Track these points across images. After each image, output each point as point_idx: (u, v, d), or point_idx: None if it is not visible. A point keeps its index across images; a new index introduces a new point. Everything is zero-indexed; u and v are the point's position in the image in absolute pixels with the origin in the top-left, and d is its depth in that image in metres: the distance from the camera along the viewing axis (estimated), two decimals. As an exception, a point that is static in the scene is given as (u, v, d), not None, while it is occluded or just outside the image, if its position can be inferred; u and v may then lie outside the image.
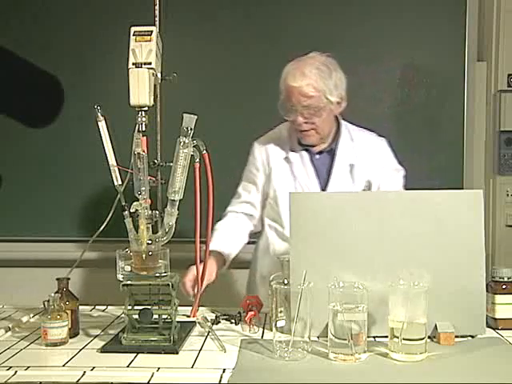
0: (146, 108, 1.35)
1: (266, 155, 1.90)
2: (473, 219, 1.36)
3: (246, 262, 2.00)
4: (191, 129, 1.33)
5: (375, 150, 1.89)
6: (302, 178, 1.84)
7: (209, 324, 1.46)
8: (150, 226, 1.36)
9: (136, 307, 1.34)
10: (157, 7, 1.43)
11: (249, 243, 1.94)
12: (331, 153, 1.87)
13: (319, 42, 2.64)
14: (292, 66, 1.78)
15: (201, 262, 1.54)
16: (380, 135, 1.94)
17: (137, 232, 1.35)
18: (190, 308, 1.59)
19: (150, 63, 1.34)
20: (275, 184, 1.87)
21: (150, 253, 1.33)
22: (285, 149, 1.89)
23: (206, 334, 1.42)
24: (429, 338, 1.29)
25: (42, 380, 1.13)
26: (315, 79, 1.73)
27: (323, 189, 1.83)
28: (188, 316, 1.57)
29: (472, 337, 1.37)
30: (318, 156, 1.87)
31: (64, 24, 2.73)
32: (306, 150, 1.87)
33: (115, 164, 1.37)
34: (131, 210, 1.34)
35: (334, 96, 1.77)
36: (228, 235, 1.83)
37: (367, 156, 1.87)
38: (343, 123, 1.91)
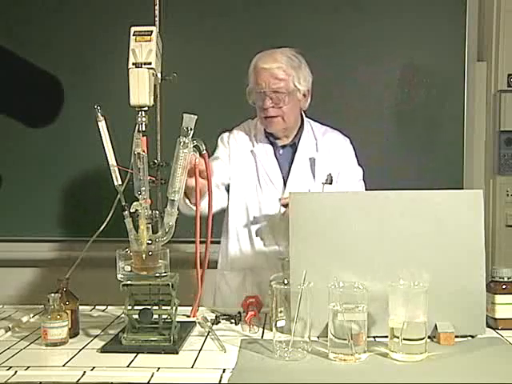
0: (146, 108, 1.35)
1: (233, 144, 1.94)
2: (473, 219, 1.36)
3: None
4: (191, 129, 1.33)
5: (338, 147, 1.93)
6: (265, 171, 1.89)
7: (209, 324, 1.46)
8: (149, 225, 1.36)
9: (136, 307, 1.34)
10: (157, 7, 1.43)
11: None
12: (294, 147, 1.92)
13: (319, 41, 2.64)
14: (263, 53, 1.86)
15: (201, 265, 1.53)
16: (345, 135, 1.98)
17: (137, 232, 1.35)
18: (190, 308, 1.59)
19: (150, 63, 1.34)
20: (238, 175, 1.91)
21: (150, 253, 1.33)
22: (251, 141, 1.94)
23: (206, 333, 1.42)
24: (429, 337, 1.29)
25: (41, 380, 1.13)
26: (286, 64, 1.80)
27: (285, 181, 1.88)
28: (188, 316, 1.57)
29: (472, 337, 1.37)
30: (281, 150, 1.92)
31: (64, 24, 2.73)
32: (271, 144, 1.92)
33: (115, 164, 1.37)
34: (131, 210, 1.34)
35: (301, 85, 1.83)
36: None
37: (329, 152, 1.91)
38: (306, 120, 1.96)
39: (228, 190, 1.93)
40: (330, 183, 1.84)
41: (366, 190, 1.92)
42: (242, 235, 1.91)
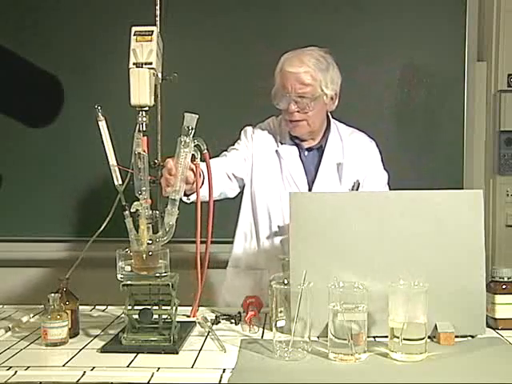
0: (147, 108, 1.35)
1: (257, 141, 1.88)
2: (473, 219, 1.36)
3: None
4: (192, 128, 1.33)
5: (364, 151, 1.88)
6: (290, 173, 1.83)
7: (209, 324, 1.46)
8: (150, 225, 1.36)
9: (136, 307, 1.34)
10: (157, 7, 1.43)
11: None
12: (320, 150, 1.86)
13: (319, 42, 2.62)
14: (290, 53, 1.79)
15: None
16: (371, 137, 1.94)
17: (137, 232, 1.35)
18: (190, 308, 1.59)
19: (150, 63, 1.34)
20: (261, 175, 1.85)
21: (150, 253, 1.33)
22: (275, 141, 1.88)
23: (206, 333, 1.42)
24: (429, 337, 1.29)
25: (41, 380, 1.13)
26: (313, 68, 1.74)
27: (310, 186, 1.83)
28: (188, 316, 1.57)
29: (472, 337, 1.37)
30: (307, 153, 1.86)
31: (64, 24, 2.73)
32: (296, 146, 1.86)
33: (115, 164, 1.37)
34: (131, 210, 1.34)
35: (329, 89, 1.77)
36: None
37: (356, 156, 1.86)
38: (333, 122, 1.91)
39: (241, 186, 1.87)
40: (357, 190, 1.81)
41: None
42: (262, 235, 1.85)
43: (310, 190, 1.83)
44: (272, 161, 1.86)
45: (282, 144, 1.86)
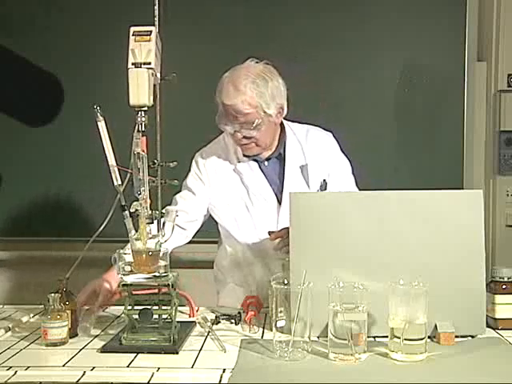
0: (146, 108, 1.35)
1: (211, 168, 1.83)
2: (473, 219, 1.36)
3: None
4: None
5: (323, 146, 1.85)
6: (253, 187, 1.80)
7: (209, 324, 1.46)
8: (149, 225, 1.36)
9: (136, 307, 1.34)
10: (156, 7, 1.42)
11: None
12: (280, 157, 1.83)
13: (319, 41, 2.64)
14: (226, 78, 1.72)
15: None
16: (326, 129, 1.90)
17: (137, 232, 1.35)
18: (190, 308, 1.59)
19: (149, 63, 1.34)
20: (228, 198, 1.82)
21: (150, 253, 1.33)
22: (232, 160, 1.83)
23: (206, 334, 1.42)
24: (429, 337, 1.29)
25: (41, 380, 1.13)
26: (250, 95, 1.66)
27: (279, 195, 1.79)
28: (188, 316, 1.57)
29: (472, 337, 1.37)
30: (266, 163, 1.83)
31: (64, 24, 2.73)
32: (254, 160, 1.82)
33: (115, 164, 1.37)
34: (131, 210, 1.34)
35: (271, 108, 1.69)
36: None
37: (317, 153, 1.83)
38: (287, 125, 1.85)
39: (209, 215, 1.86)
40: (325, 189, 1.80)
41: (366, 189, 1.90)
42: (239, 255, 1.84)
43: (279, 199, 1.79)
44: (232, 180, 1.82)
45: (239, 161, 1.82)
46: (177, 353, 1.28)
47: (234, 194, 1.82)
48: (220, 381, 1.12)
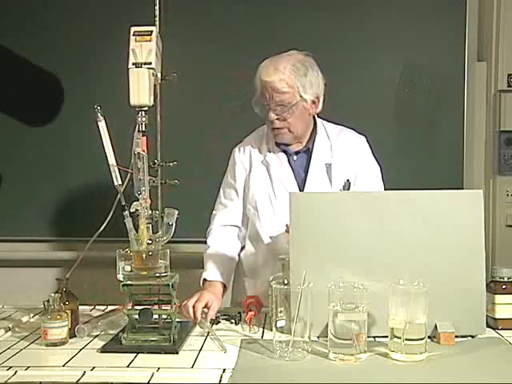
0: (146, 108, 1.35)
1: (246, 159, 1.89)
2: (473, 219, 1.36)
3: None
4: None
5: (353, 149, 1.87)
6: (279, 179, 1.83)
7: (208, 324, 1.46)
8: (149, 225, 1.36)
9: (136, 307, 1.34)
10: (157, 7, 1.43)
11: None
12: (308, 153, 1.86)
13: (319, 41, 2.64)
14: (267, 61, 1.77)
15: None
16: (360, 133, 1.92)
17: (137, 232, 1.35)
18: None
19: (150, 63, 1.34)
20: (253, 187, 1.85)
21: (150, 253, 1.33)
22: (263, 151, 1.88)
23: (206, 334, 1.42)
24: (429, 337, 1.29)
25: (41, 380, 1.13)
26: (289, 75, 1.71)
27: (301, 189, 1.82)
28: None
29: (472, 337, 1.37)
30: (295, 157, 1.86)
31: (64, 24, 2.73)
32: (284, 152, 1.86)
33: (115, 164, 1.37)
34: (131, 210, 1.34)
35: (308, 94, 1.75)
36: (223, 261, 1.79)
37: (345, 155, 1.85)
38: (320, 122, 1.89)
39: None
40: (348, 189, 1.81)
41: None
42: (258, 247, 1.85)
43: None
44: (260, 170, 1.86)
45: (270, 152, 1.86)
46: (177, 353, 1.28)
47: (260, 184, 1.85)
48: (220, 381, 1.12)
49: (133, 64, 1.34)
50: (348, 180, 1.82)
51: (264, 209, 1.84)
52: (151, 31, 1.36)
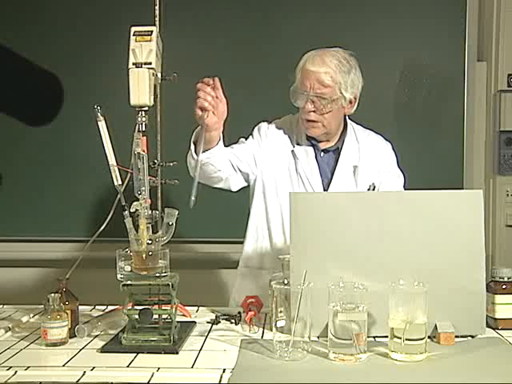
0: (146, 108, 1.35)
1: (272, 138, 1.85)
2: (473, 219, 1.36)
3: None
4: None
5: (380, 154, 1.87)
6: (305, 174, 1.81)
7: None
8: (149, 225, 1.36)
9: (136, 307, 1.34)
10: (157, 7, 1.43)
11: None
12: (336, 152, 1.84)
13: (319, 41, 2.63)
14: (314, 52, 1.76)
15: None
16: (386, 140, 1.93)
17: (137, 232, 1.35)
18: (190, 308, 1.59)
19: (150, 63, 1.34)
20: (275, 175, 1.83)
21: (150, 253, 1.33)
22: (291, 141, 1.85)
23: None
24: (429, 337, 1.29)
25: (41, 380, 1.13)
26: (334, 69, 1.72)
27: (325, 188, 1.81)
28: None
29: (472, 337, 1.37)
30: (323, 154, 1.84)
31: (64, 24, 2.73)
32: (313, 146, 1.84)
33: (115, 164, 1.37)
34: (131, 210, 1.34)
35: (348, 93, 1.74)
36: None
37: (372, 159, 1.84)
38: (350, 123, 1.88)
39: (245, 180, 1.84)
40: None
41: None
42: (274, 235, 1.82)
43: (324, 191, 1.80)
44: (287, 161, 1.83)
45: (298, 144, 1.84)
46: (177, 353, 1.28)
47: (285, 176, 1.83)
48: (220, 381, 1.12)
49: (133, 64, 1.34)
50: (373, 183, 1.82)
51: (287, 203, 1.80)
52: (151, 31, 1.36)
